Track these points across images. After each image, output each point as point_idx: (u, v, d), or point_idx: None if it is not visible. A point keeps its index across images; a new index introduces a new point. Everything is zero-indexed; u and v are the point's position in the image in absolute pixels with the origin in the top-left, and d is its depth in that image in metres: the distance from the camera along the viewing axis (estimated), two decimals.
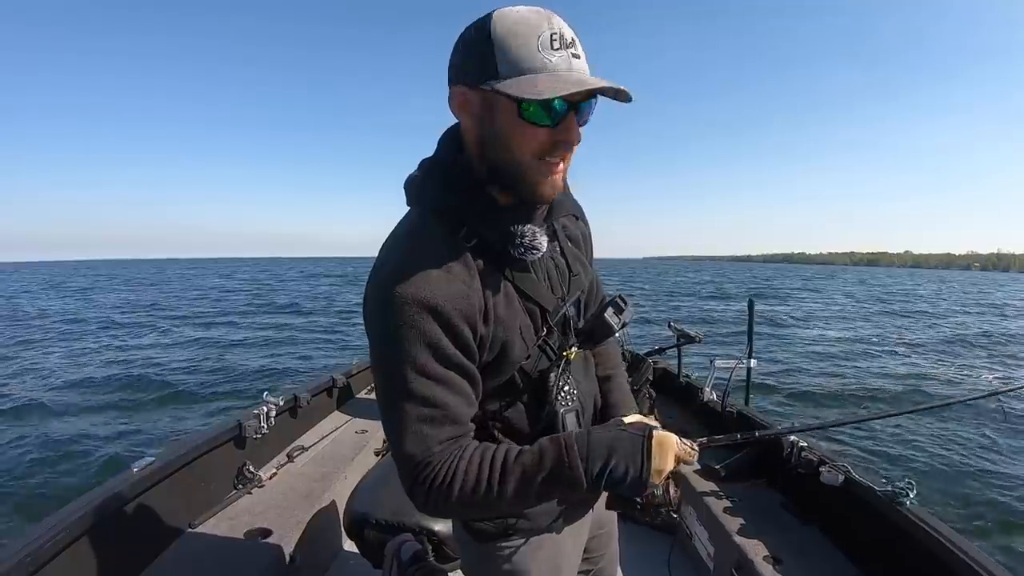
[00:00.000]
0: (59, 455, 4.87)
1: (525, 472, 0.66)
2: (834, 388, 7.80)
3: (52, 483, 4.31)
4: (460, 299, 0.65)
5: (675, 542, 2.14)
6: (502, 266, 0.71)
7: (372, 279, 0.67)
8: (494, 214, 0.69)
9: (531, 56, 0.58)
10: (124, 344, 11.19)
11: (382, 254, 0.69)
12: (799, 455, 1.87)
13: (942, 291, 39.54)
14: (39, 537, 1.20)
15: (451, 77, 0.65)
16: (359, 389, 3.32)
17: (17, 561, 1.11)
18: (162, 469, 1.61)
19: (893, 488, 1.50)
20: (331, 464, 2.26)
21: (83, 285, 38.73)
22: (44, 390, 7.35)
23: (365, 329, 0.68)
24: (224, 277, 50.09)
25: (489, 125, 0.64)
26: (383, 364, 0.66)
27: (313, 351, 10.68)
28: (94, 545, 1.35)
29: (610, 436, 0.68)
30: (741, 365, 2.52)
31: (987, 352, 11.82)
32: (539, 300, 0.74)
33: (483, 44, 0.60)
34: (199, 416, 6.22)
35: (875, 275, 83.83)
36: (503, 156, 0.65)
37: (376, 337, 0.66)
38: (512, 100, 0.59)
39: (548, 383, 0.77)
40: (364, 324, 0.68)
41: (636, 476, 0.66)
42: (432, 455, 0.65)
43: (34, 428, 5.68)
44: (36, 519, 1.41)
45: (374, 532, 1.35)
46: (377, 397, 0.69)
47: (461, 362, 0.66)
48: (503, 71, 0.59)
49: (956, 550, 1.26)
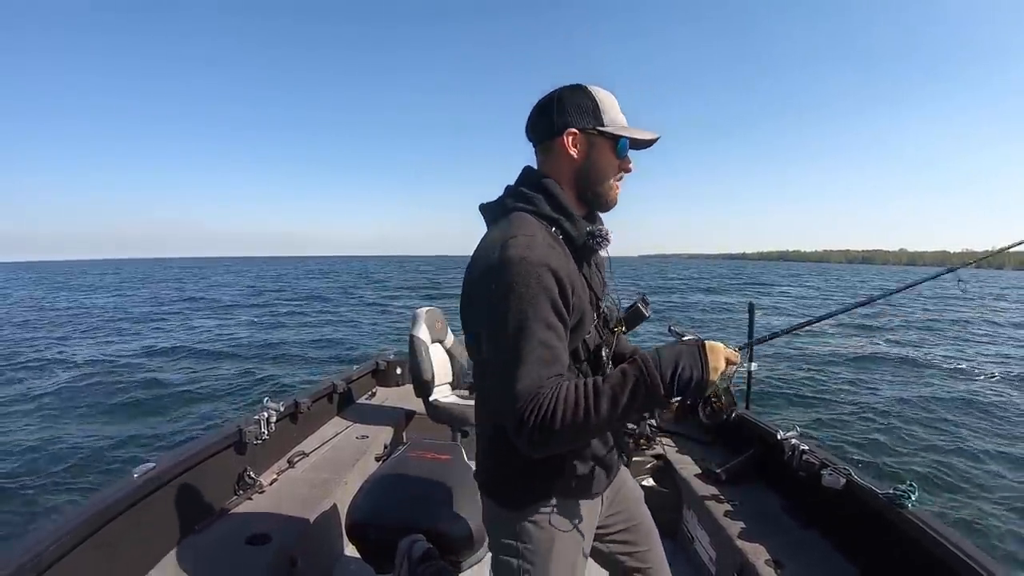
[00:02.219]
0: (60, 458, 4.85)
1: (613, 389, 0.80)
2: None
3: (52, 487, 4.29)
4: (567, 268, 0.87)
5: (676, 546, 2.13)
6: (579, 258, 0.95)
7: (500, 252, 0.84)
8: (574, 219, 0.95)
9: (619, 115, 0.97)
10: (121, 343, 11.17)
11: (504, 236, 0.87)
12: (800, 458, 1.87)
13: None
14: (41, 542, 1.20)
15: (558, 126, 0.94)
16: (359, 395, 3.32)
17: (18, 566, 1.11)
18: (163, 475, 1.61)
19: (895, 491, 1.50)
20: (332, 469, 2.25)
21: (92, 283, 38.57)
22: (51, 392, 7.36)
23: (481, 294, 0.87)
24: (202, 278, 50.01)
25: (587, 156, 0.95)
26: (509, 315, 0.81)
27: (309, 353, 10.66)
28: (96, 551, 1.34)
29: (675, 349, 0.85)
30: (742, 368, 2.52)
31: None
32: (595, 290, 0.99)
33: (591, 104, 0.94)
34: (198, 419, 6.20)
35: (840, 272, 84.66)
36: (594, 177, 0.97)
37: (502, 295, 0.82)
38: (613, 139, 0.95)
39: (601, 353, 0.97)
40: (480, 290, 0.87)
41: (699, 376, 0.82)
42: (541, 388, 0.79)
43: (35, 430, 5.68)
44: (36, 523, 1.41)
45: (379, 537, 1.35)
46: (492, 349, 0.85)
47: (565, 318, 0.86)
48: (607, 121, 0.95)
49: (959, 553, 1.26)
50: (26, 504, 4.03)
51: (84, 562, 1.31)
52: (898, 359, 10.27)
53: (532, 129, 1.00)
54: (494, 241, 0.87)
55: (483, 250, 0.90)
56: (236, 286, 32.93)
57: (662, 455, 2.46)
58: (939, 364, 9.78)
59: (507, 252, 0.83)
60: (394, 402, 3.29)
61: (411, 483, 1.52)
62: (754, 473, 2.17)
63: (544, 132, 0.97)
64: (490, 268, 0.85)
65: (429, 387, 2.60)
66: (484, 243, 0.92)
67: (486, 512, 1.06)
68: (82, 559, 1.30)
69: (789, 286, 35.04)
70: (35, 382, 8.00)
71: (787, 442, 1.96)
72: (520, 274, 0.81)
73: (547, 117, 0.95)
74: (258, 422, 2.13)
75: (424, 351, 2.61)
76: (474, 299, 0.92)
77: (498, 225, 0.93)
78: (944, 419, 6.08)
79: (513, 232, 0.86)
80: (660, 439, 2.58)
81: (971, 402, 7.11)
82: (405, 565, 1.31)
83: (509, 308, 0.81)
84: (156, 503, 1.58)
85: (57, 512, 3.81)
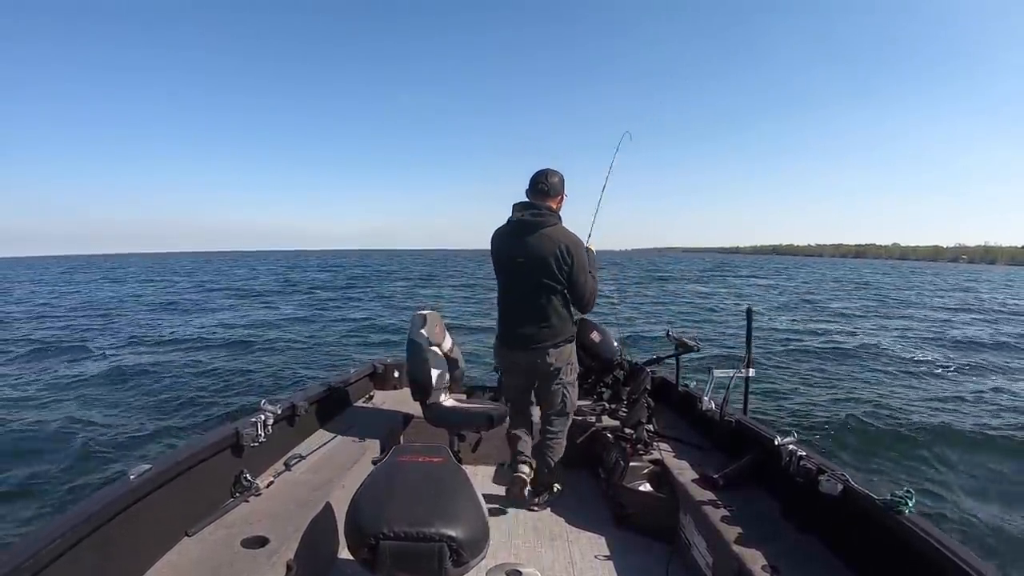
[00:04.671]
0: (56, 458, 4.83)
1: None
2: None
3: (49, 489, 4.28)
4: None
5: (674, 551, 2.13)
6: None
7: (574, 239, 2.46)
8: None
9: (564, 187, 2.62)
10: (113, 345, 11.11)
11: (570, 233, 2.48)
12: (797, 464, 1.87)
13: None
14: (35, 544, 1.19)
15: (558, 190, 2.53)
16: (357, 398, 3.31)
17: (12, 568, 1.10)
18: (159, 476, 1.61)
19: (892, 496, 1.50)
20: (328, 472, 2.25)
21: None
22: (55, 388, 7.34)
23: (574, 251, 2.41)
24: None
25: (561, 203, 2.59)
26: (586, 261, 2.47)
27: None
28: (91, 552, 1.34)
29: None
30: (740, 374, 2.53)
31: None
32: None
33: (562, 183, 2.56)
34: (197, 419, 6.18)
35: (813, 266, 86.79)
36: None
37: (580, 252, 2.44)
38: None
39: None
40: (574, 251, 2.41)
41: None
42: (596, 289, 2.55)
43: (36, 429, 5.66)
44: (30, 525, 1.40)
45: (376, 540, 1.35)
46: (579, 280, 2.43)
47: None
48: (566, 192, 2.60)
49: (956, 559, 1.26)
50: (24, 504, 4.01)
51: (80, 564, 1.30)
52: (898, 357, 10.31)
53: (551, 188, 2.51)
54: (570, 232, 2.49)
55: (568, 233, 2.47)
56: (229, 281, 32.58)
57: (659, 460, 2.46)
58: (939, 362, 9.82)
59: (577, 242, 2.47)
60: (392, 405, 3.28)
61: (407, 485, 1.52)
62: (752, 478, 2.17)
63: (556, 192, 2.55)
64: (572, 245, 2.42)
65: (427, 390, 2.60)
66: (566, 231, 2.47)
67: (559, 355, 2.49)
68: (77, 561, 1.29)
69: (756, 277, 38.95)
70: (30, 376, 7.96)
71: (784, 447, 1.97)
72: (583, 245, 2.53)
73: (559, 183, 2.55)
74: (255, 424, 2.13)
75: (423, 354, 2.61)
76: (567, 251, 2.39)
77: (558, 225, 2.47)
78: (944, 425, 6.09)
79: (572, 232, 2.50)
80: (657, 444, 2.58)
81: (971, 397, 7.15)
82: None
83: (585, 259, 2.48)
84: (152, 505, 1.57)
85: (51, 513, 3.78)
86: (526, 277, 2.45)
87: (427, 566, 1.34)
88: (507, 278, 2.55)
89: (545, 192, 2.47)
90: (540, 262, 2.39)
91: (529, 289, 2.45)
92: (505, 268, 2.54)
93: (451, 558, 1.34)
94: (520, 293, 2.49)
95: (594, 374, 3.29)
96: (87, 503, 1.40)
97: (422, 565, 1.34)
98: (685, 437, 2.69)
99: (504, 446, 2.68)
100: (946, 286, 36.27)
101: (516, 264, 2.46)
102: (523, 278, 2.46)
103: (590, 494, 2.72)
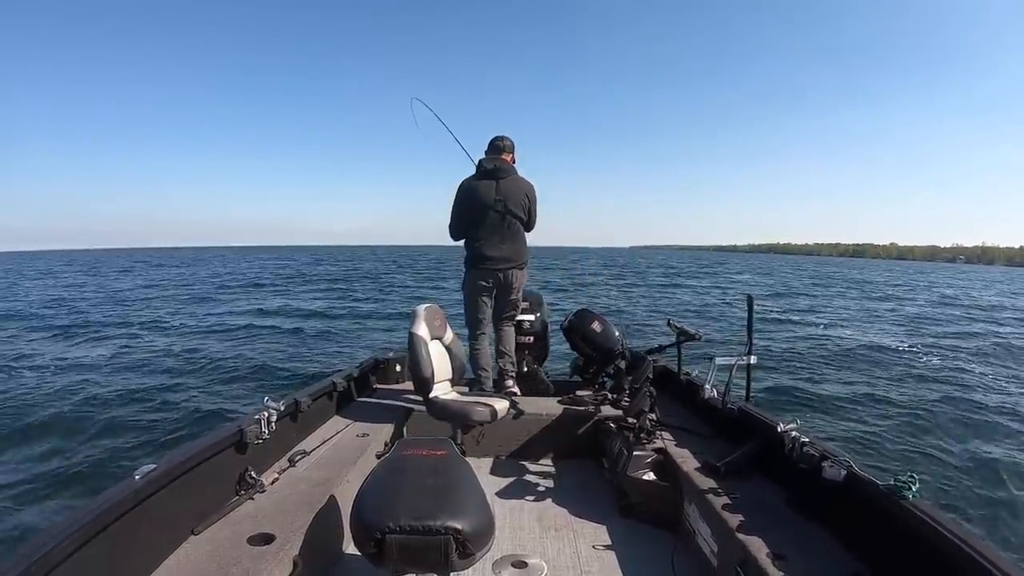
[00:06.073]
0: (56, 459, 4.86)
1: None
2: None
3: (50, 489, 4.31)
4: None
5: (677, 540, 2.14)
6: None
7: (533, 185, 3.29)
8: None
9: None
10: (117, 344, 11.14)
11: (529, 181, 3.29)
12: (801, 451, 1.87)
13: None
14: (42, 545, 1.19)
15: (510, 148, 3.33)
16: (360, 392, 3.32)
17: (24, 569, 1.11)
18: (164, 476, 1.61)
19: (896, 482, 1.50)
20: (333, 468, 2.26)
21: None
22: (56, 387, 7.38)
23: (533, 195, 3.29)
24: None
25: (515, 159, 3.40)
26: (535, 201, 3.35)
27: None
28: (97, 553, 1.34)
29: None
30: (742, 362, 2.52)
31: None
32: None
33: (512, 144, 3.37)
34: (197, 419, 6.21)
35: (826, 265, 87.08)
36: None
37: (535, 195, 3.31)
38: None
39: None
40: (533, 195, 3.28)
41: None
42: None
43: (38, 428, 5.68)
44: (38, 524, 1.41)
45: (382, 534, 1.35)
46: (534, 215, 3.33)
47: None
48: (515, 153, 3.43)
49: (961, 543, 1.26)
50: (24, 504, 4.05)
51: (89, 564, 1.31)
52: (899, 352, 10.31)
53: (506, 147, 3.29)
54: (529, 181, 3.29)
55: (528, 181, 3.28)
56: (226, 276, 32.50)
57: (662, 449, 2.46)
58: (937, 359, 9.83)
59: (532, 186, 3.31)
60: (394, 399, 3.29)
61: (412, 479, 1.52)
62: (755, 466, 2.17)
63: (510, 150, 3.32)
64: (532, 187, 3.29)
65: (429, 384, 2.60)
66: (526, 179, 3.27)
67: (518, 275, 3.21)
68: (87, 560, 1.30)
69: (745, 275, 40.12)
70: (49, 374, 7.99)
71: (787, 434, 1.97)
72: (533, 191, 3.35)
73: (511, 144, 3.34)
74: (258, 421, 2.13)
75: (423, 348, 2.61)
76: (529, 195, 3.24)
77: (516, 174, 3.26)
78: (948, 409, 6.10)
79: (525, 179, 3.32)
80: (660, 433, 2.58)
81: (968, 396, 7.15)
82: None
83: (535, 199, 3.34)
84: (158, 504, 1.57)
85: (55, 515, 3.82)
86: (501, 213, 3.14)
87: (433, 559, 1.34)
88: (482, 215, 3.17)
89: (502, 148, 3.29)
90: (514, 201, 3.17)
91: (503, 223, 3.17)
92: (481, 206, 3.16)
93: (457, 551, 1.34)
94: (493, 226, 3.17)
95: (596, 364, 3.29)
96: (93, 503, 1.41)
97: (428, 558, 1.34)
98: (688, 425, 2.69)
99: (508, 438, 2.69)
100: (946, 285, 36.76)
101: (494, 202, 3.13)
102: (498, 214, 3.15)
103: (594, 484, 2.73)
